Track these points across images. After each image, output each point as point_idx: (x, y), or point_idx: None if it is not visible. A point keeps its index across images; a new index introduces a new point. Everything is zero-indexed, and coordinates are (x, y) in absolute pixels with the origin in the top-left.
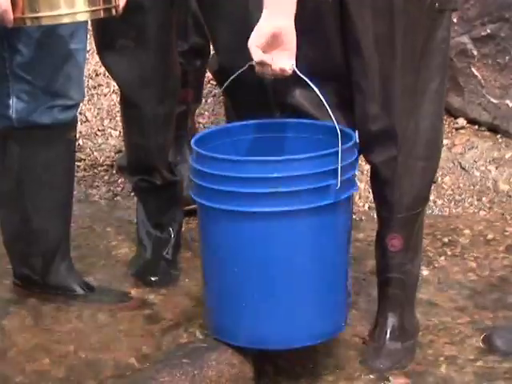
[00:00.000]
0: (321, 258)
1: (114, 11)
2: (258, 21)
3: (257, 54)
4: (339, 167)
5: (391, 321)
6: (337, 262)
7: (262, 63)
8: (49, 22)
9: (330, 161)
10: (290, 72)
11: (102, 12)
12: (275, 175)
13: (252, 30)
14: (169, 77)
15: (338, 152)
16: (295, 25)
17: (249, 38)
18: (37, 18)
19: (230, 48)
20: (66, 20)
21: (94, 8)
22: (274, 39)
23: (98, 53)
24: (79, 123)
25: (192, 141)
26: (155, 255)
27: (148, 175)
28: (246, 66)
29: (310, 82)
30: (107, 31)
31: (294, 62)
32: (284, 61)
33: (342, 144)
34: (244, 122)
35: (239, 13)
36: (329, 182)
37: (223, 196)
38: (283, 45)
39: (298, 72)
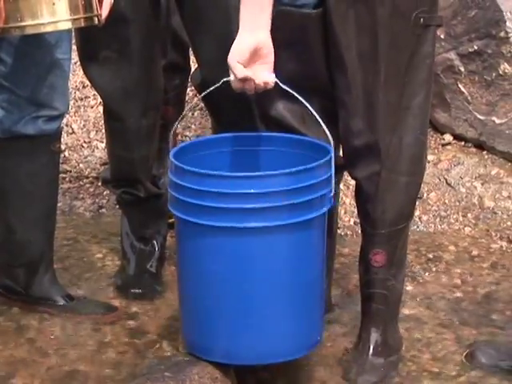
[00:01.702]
0: (296, 273)
1: (96, 20)
2: None
3: (239, 71)
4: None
5: (374, 336)
6: (312, 277)
7: (244, 79)
8: (32, 31)
9: (306, 177)
10: (273, 84)
11: (82, 21)
12: (251, 191)
13: None
14: (152, 89)
15: (313, 168)
16: (279, 39)
17: None
18: (20, 27)
19: (212, 62)
20: (48, 29)
21: (75, 16)
22: (255, 54)
23: (82, 64)
24: (65, 135)
25: (171, 153)
26: (139, 268)
27: (131, 188)
28: (221, 82)
29: (292, 92)
30: (90, 42)
31: (274, 75)
32: (266, 74)
33: (318, 159)
34: (223, 135)
35: (223, 27)
36: (304, 198)
37: (199, 210)
38: (263, 58)
39: (281, 83)
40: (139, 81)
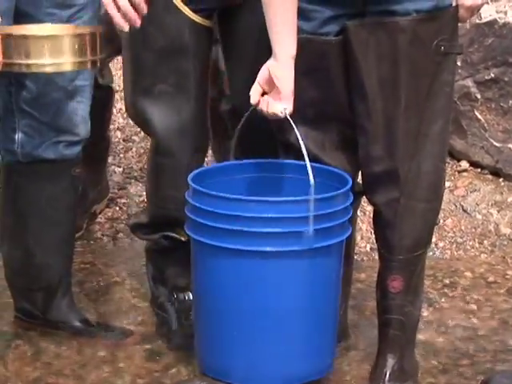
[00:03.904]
0: (311, 300)
1: (97, 64)
2: None
3: (253, 97)
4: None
5: (391, 362)
6: (327, 303)
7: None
8: (36, 70)
9: (326, 205)
10: (282, 116)
11: (89, 63)
12: (270, 215)
13: None
14: (205, 125)
15: (334, 197)
16: (300, 65)
17: None
18: (26, 64)
19: (243, 90)
20: (49, 69)
21: (76, 60)
22: (271, 81)
23: (131, 98)
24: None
25: (189, 177)
26: (181, 320)
27: (172, 231)
28: (250, 110)
29: (295, 129)
30: (145, 76)
31: (286, 106)
32: (277, 105)
33: (336, 188)
34: (241, 161)
35: (256, 56)
36: (323, 225)
37: (216, 233)
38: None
39: (289, 117)
40: (195, 116)
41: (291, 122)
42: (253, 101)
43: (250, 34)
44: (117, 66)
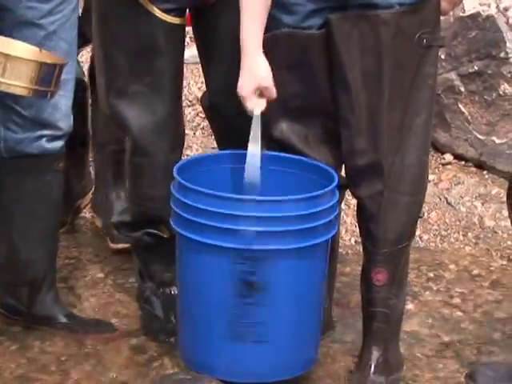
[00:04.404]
0: (297, 296)
1: (48, 96)
2: None
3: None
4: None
5: (375, 355)
6: (312, 300)
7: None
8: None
9: (313, 204)
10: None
11: (37, 92)
12: (258, 214)
13: None
14: (180, 123)
15: (320, 195)
16: (283, 60)
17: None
18: None
19: (221, 89)
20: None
21: (31, 86)
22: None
23: (105, 100)
24: None
25: (174, 168)
26: (167, 314)
27: (154, 228)
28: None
29: None
30: (119, 77)
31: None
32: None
33: (319, 182)
34: (226, 152)
35: (233, 59)
36: (310, 224)
37: (202, 229)
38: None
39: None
40: (170, 115)
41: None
42: (244, 93)
43: (226, 33)
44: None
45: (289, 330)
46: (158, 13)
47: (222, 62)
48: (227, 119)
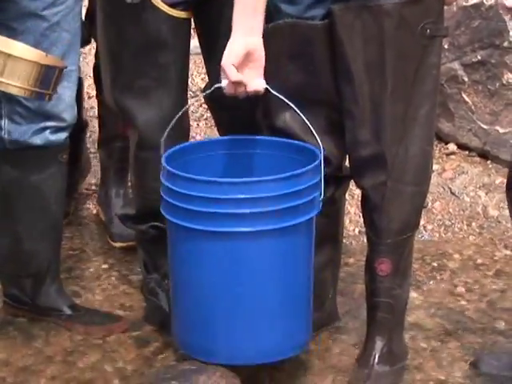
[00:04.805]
0: (284, 277)
1: (46, 98)
2: None
3: (233, 74)
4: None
5: (379, 344)
6: (300, 280)
7: (237, 83)
8: None
9: (294, 183)
10: (263, 91)
11: (33, 93)
12: (239, 196)
13: None
14: (185, 115)
15: (301, 174)
16: (286, 50)
17: None
18: None
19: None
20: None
21: (27, 87)
22: (247, 57)
23: (112, 95)
24: None
25: (162, 157)
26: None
27: (159, 221)
28: (213, 87)
29: (283, 98)
30: (125, 72)
31: (264, 81)
32: (257, 81)
33: (307, 164)
34: (213, 138)
35: None
36: (292, 203)
37: (189, 214)
38: (253, 62)
39: (272, 90)
40: (176, 109)
41: (274, 92)
42: (234, 78)
43: (227, 26)
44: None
45: (277, 311)
46: (164, 7)
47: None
48: (229, 111)
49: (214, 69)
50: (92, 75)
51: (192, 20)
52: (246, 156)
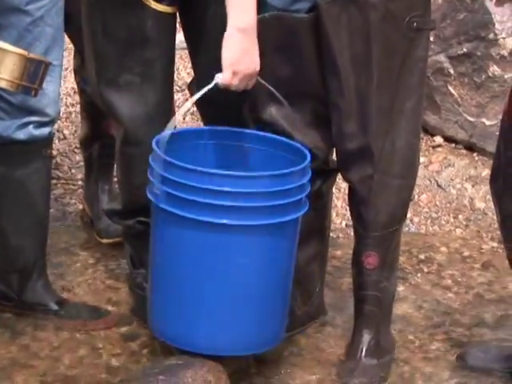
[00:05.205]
0: (265, 272)
1: (32, 93)
2: None
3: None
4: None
5: (367, 337)
6: (281, 277)
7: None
8: None
9: (286, 181)
10: (217, 84)
11: (20, 87)
12: (232, 189)
13: None
14: (171, 111)
15: (293, 173)
16: (272, 43)
17: None
18: None
19: (209, 77)
20: None
21: (14, 80)
22: None
23: (97, 89)
24: (57, 141)
25: (153, 141)
26: None
27: (145, 216)
28: (212, 84)
29: (272, 89)
30: (110, 67)
31: (220, 75)
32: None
33: (295, 161)
34: (203, 128)
35: (220, 43)
36: (282, 201)
37: (178, 202)
38: None
39: (220, 85)
40: (161, 104)
41: (209, 87)
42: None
43: (213, 21)
44: None
45: (256, 305)
46: (150, 2)
47: (210, 51)
48: (215, 106)
49: (199, 63)
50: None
51: (177, 15)
52: (235, 149)
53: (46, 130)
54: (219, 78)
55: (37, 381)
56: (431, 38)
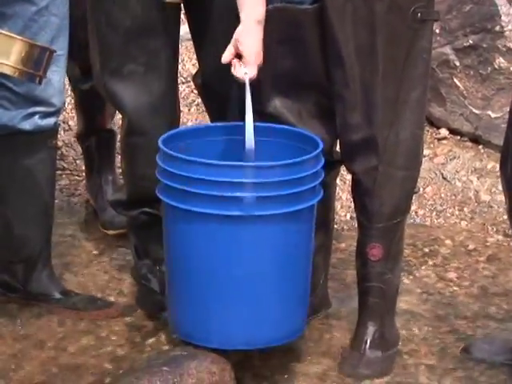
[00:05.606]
0: (283, 263)
1: (37, 80)
2: None
3: (224, 57)
4: None
5: (371, 330)
6: (298, 267)
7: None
8: None
9: (298, 169)
10: (244, 80)
11: (25, 74)
12: (244, 180)
13: None
14: (176, 102)
15: (305, 161)
16: (276, 34)
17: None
18: None
19: (214, 69)
20: None
21: (19, 67)
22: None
23: (101, 79)
24: (62, 132)
25: (159, 139)
26: (164, 291)
27: (151, 207)
28: (248, 86)
29: (248, 96)
30: (114, 56)
31: (248, 71)
32: (240, 69)
33: (307, 150)
34: (212, 124)
35: (228, 36)
36: (295, 189)
37: (189, 197)
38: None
39: (247, 83)
40: (166, 94)
41: (247, 88)
42: (223, 60)
43: (219, 13)
44: None
45: (275, 297)
46: None
47: (215, 42)
48: (220, 97)
49: (204, 55)
50: None
51: (182, 6)
52: (241, 142)
53: (51, 121)
54: (247, 75)
55: (41, 370)
56: (437, 30)
